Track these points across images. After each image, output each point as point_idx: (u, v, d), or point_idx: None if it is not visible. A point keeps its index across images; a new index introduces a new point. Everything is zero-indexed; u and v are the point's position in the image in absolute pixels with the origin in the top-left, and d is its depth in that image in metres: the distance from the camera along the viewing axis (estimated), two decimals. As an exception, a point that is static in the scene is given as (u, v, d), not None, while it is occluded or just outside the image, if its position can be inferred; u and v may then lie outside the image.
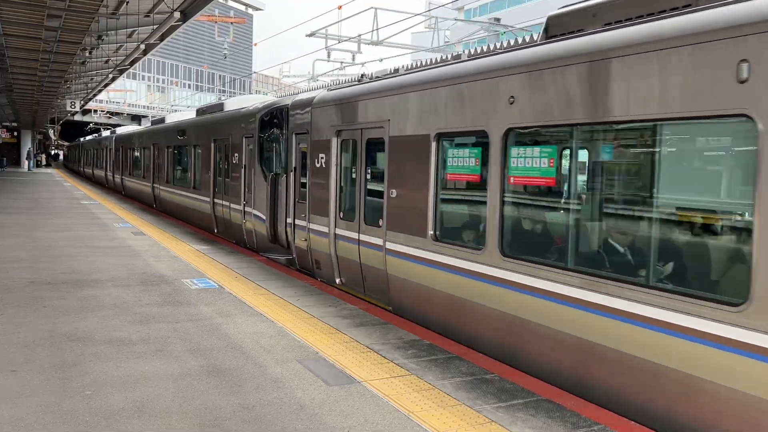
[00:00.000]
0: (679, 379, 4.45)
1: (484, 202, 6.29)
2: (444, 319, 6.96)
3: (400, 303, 7.79)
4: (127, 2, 18.79)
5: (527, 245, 6.11)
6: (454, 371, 5.66)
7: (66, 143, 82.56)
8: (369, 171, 8.62)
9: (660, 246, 4.86)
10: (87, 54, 24.84)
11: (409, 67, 13.94)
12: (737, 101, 4.14)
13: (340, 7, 24.57)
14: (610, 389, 4.96)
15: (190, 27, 25.03)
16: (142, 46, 24.00)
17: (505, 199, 6.08)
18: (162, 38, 23.16)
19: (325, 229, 9.50)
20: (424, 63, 16.15)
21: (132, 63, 29.28)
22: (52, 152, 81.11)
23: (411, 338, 6.65)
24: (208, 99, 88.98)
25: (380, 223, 8.07)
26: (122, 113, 70.57)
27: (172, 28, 21.22)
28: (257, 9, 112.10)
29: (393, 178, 7.81)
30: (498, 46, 14.46)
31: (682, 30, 4.58)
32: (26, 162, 54.41)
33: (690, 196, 4.96)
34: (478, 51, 12.16)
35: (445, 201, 7.20)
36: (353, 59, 25.26)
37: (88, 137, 47.86)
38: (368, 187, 8.57)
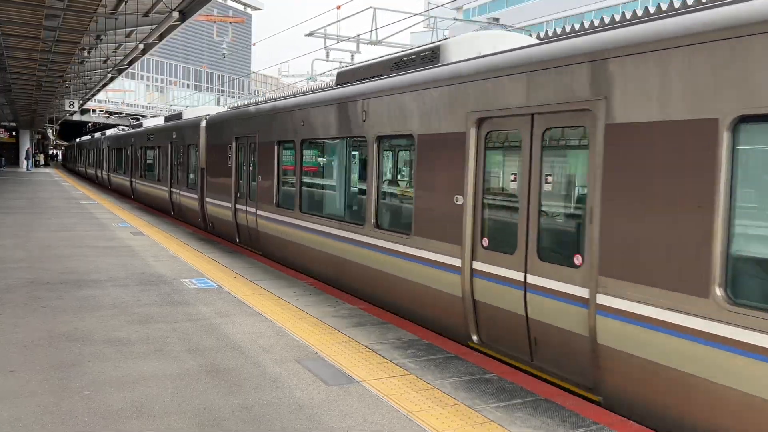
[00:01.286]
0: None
1: (293, 183, 10.88)
2: (282, 254, 11.46)
3: (266, 249, 12.32)
4: (126, 2, 18.79)
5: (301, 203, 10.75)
6: (453, 371, 5.66)
7: (65, 143, 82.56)
8: (248, 164, 12.96)
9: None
10: (86, 54, 24.83)
11: (273, 98, 18.13)
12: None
13: (338, 7, 24.57)
14: (356, 286, 8.80)
15: (188, 27, 25.00)
16: (141, 46, 23.97)
17: (303, 179, 10.62)
18: (161, 38, 23.14)
19: (225, 204, 14.25)
20: (290, 93, 22.23)
21: (131, 63, 29.25)
22: (51, 152, 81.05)
23: (410, 338, 6.65)
24: (207, 99, 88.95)
25: (255, 198, 12.55)
26: (121, 113, 70.55)
27: (171, 28, 21.21)
28: (256, 9, 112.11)
29: (260, 167, 12.22)
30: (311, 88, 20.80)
31: (368, 89, 8.52)
32: (25, 162, 54.37)
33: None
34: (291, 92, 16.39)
35: (272, 182, 11.83)
36: (352, 59, 25.26)
37: (84, 138, 48.68)
38: (248, 175, 13.06)
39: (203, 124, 16.13)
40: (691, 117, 4.42)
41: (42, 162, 63.40)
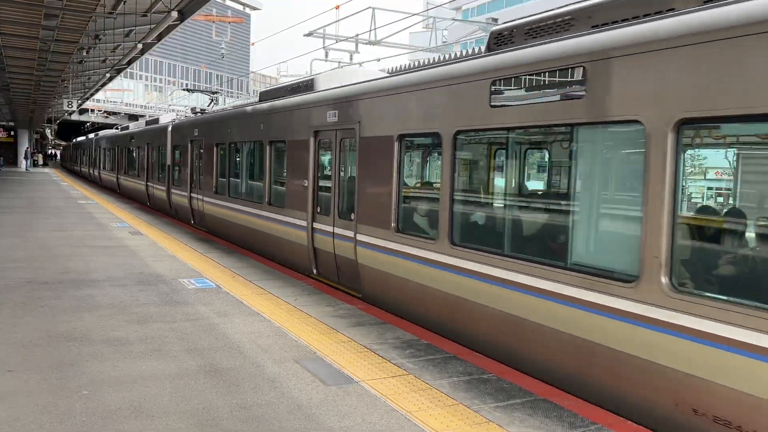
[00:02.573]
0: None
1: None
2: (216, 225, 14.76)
3: (209, 226, 15.49)
4: (125, 2, 18.78)
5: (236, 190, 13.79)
6: (451, 371, 5.66)
7: (63, 143, 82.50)
8: (199, 161, 16.32)
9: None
10: (84, 53, 24.80)
11: (225, 108, 21.55)
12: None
13: (337, 7, 24.56)
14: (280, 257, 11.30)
15: (187, 26, 24.99)
16: (140, 46, 23.95)
17: (230, 172, 14.17)
18: (159, 38, 23.13)
19: (184, 193, 17.44)
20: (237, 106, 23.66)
21: (129, 62, 29.24)
22: (49, 152, 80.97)
23: (409, 338, 6.65)
24: (206, 99, 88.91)
25: (202, 187, 15.89)
26: (119, 113, 70.48)
27: (170, 28, 21.20)
28: (255, 8, 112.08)
29: (205, 164, 15.49)
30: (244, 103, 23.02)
31: (264, 109, 12.11)
32: (24, 162, 54.34)
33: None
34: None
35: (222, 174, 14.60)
36: (351, 59, 25.25)
37: (80, 138, 49.69)
38: (198, 170, 16.32)
39: (169, 128, 19.45)
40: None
41: (40, 162, 63.32)
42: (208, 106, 23.86)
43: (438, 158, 7.14)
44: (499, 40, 6.75)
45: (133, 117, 68.29)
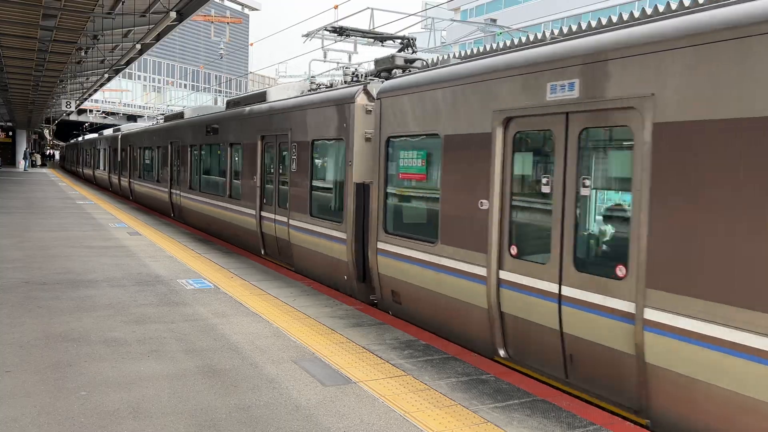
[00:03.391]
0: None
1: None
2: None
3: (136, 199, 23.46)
4: (123, 2, 18.76)
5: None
6: (450, 371, 5.66)
7: (61, 143, 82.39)
8: (133, 158, 24.41)
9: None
10: (82, 53, 24.76)
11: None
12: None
13: (336, 7, 24.56)
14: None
15: (186, 27, 24.99)
16: (138, 46, 23.93)
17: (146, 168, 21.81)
18: (158, 38, 23.11)
19: (125, 180, 25.24)
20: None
21: (128, 63, 29.20)
22: (48, 152, 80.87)
23: (407, 338, 6.65)
24: (205, 99, 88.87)
25: (135, 177, 23.89)
26: (118, 113, 70.39)
27: (168, 28, 21.18)
28: (253, 9, 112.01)
29: (137, 161, 23.52)
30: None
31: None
32: (22, 162, 54.29)
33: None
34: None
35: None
36: (350, 59, 25.24)
37: (77, 139, 50.69)
38: (133, 166, 24.62)
39: (119, 135, 27.60)
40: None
41: (38, 162, 63.26)
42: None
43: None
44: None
45: (132, 117, 68.25)
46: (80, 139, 47.77)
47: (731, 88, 4.09)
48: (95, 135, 39.87)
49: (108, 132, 34.99)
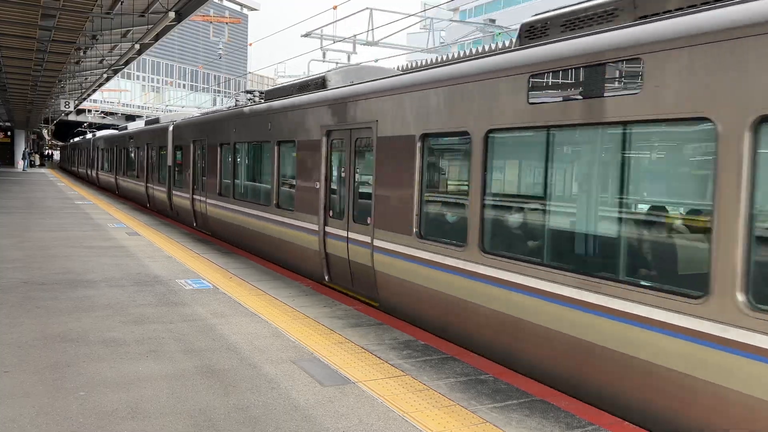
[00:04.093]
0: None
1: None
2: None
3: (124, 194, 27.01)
4: (122, 2, 18.75)
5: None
6: (448, 372, 5.66)
7: (60, 143, 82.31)
8: (104, 157, 32.83)
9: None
10: (81, 53, 24.75)
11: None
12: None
13: (335, 8, 24.56)
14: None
15: (185, 27, 24.98)
16: (137, 46, 23.92)
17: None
18: (157, 38, 23.10)
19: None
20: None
21: (126, 63, 29.18)
22: (46, 152, 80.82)
23: (406, 339, 6.65)
24: (203, 99, 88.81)
25: (113, 171, 30.05)
26: (116, 113, 70.33)
27: (167, 28, 21.17)
28: (252, 9, 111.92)
29: (116, 159, 28.49)
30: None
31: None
32: (21, 162, 54.27)
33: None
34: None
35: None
36: (348, 59, 25.24)
37: (86, 136, 50.06)
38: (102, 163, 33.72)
39: (93, 137, 33.55)
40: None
41: (37, 162, 63.20)
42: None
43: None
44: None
45: (131, 117, 68.21)
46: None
47: None
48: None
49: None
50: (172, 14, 18.46)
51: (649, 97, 4.65)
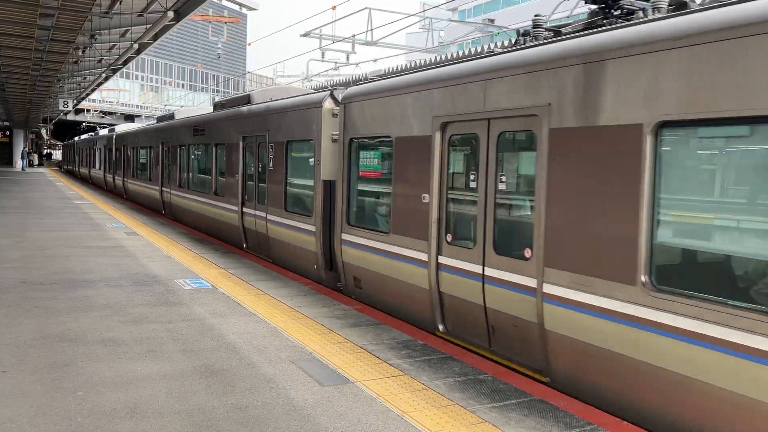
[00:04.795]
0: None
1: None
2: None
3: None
4: (121, 1, 18.73)
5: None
6: (447, 371, 5.66)
7: (59, 143, 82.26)
8: (93, 156, 36.66)
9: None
10: (80, 53, 24.73)
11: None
12: None
13: (334, 8, 24.55)
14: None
15: (183, 26, 24.99)
16: (136, 46, 23.91)
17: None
18: (155, 37, 23.10)
19: (100, 174, 33.27)
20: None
21: (125, 62, 29.18)
22: (45, 152, 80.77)
23: (405, 338, 6.65)
24: (202, 99, 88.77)
25: (98, 167, 34.43)
26: (115, 113, 70.24)
27: (166, 28, 21.16)
28: (251, 9, 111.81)
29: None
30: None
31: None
32: (20, 161, 54.25)
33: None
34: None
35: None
36: (347, 59, 25.24)
37: (84, 136, 50.25)
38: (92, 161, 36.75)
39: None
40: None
41: (36, 162, 63.16)
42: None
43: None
44: None
45: (129, 117, 68.13)
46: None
47: None
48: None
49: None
50: (170, 14, 18.45)
51: None
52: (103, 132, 36.16)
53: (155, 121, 23.93)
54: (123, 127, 32.39)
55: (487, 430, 4.47)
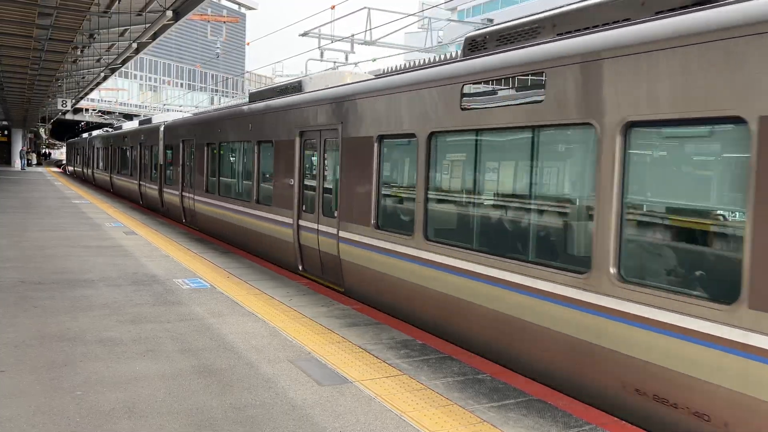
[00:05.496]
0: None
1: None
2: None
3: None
4: (119, 1, 18.72)
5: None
6: (446, 371, 5.66)
7: (58, 142, 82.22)
8: (88, 156, 39.39)
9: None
10: (78, 52, 24.72)
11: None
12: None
13: (333, 7, 24.55)
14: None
15: (182, 26, 24.95)
16: (134, 45, 23.90)
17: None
18: (154, 37, 23.09)
19: (89, 171, 38.60)
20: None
21: (124, 62, 29.17)
22: (43, 151, 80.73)
23: (404, 338, 6.65)
24: (201, 98, 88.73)
25: (90, 166, 38.18)
26: (114, 112, 70.20)
27: (165, 27, 21.16)
28: (250, 8, 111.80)
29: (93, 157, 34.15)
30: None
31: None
32: (19, 161, 54.23)
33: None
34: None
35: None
36: (346, 59, 25.23)
37: (97, 132, 50.46)
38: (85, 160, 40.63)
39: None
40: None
41: (34, 161, 63.12)
42: None
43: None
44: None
45: (128, 116, 68.08)
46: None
47: None
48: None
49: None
50: (169, 13, 18.45)
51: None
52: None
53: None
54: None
55: (486, 430, 4.47)
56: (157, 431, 4.27)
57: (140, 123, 26.40)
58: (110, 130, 36.29)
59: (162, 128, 19.67)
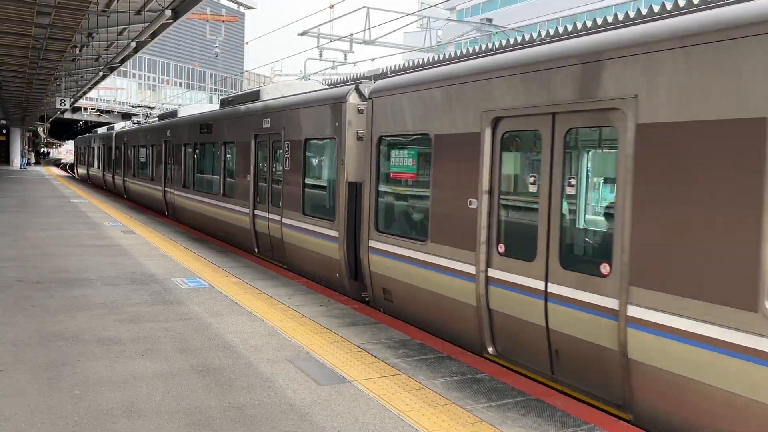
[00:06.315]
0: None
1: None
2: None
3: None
4: (118, 0, 18.70)
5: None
6: (444, 371, 5.66)
7: (56, 141, 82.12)
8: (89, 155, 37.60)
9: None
10: (77, 51, 24.68)
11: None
12: None
13: (332, 6, 24.54)
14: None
15: (181, 25, 24.94)
16: (133, 44, 23.88)
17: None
18: (153, 36, 23.07)
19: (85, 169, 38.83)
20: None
21: (123, 61, 29.14)
22: (42, 150, 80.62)
23: (402, 338, 6.65)
24: (200, 97, 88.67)
25: (86, 165, 38.14)
26: (112, 111, 70.11)
27: (163, 26, 21.14)
28: (249, 7, 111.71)
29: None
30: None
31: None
32: (18, 160, 54.20)
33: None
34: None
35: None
36: (345, 58, 25.23)
37: (120, 125, 50.36)
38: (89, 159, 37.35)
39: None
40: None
41: (33, 161, 63.08)
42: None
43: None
44: None
45: (127, 116, 67.95)
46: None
47: None
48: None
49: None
50: (168, 12, 18.43)
51: None
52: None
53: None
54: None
55: (485, 430, 4.47)
56: (155, 430, 4.27)
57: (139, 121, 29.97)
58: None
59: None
